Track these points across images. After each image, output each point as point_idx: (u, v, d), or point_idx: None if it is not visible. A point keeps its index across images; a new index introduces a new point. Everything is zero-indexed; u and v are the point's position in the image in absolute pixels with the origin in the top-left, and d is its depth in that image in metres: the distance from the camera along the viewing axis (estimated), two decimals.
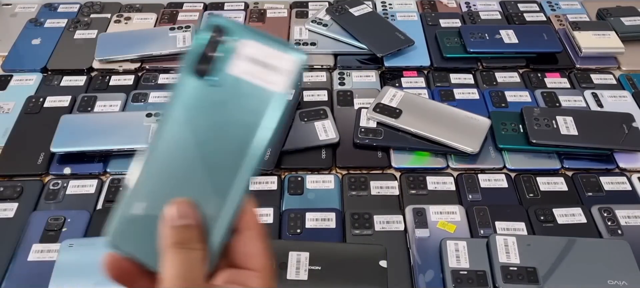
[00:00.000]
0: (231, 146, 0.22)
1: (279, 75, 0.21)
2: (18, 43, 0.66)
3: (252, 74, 0.22)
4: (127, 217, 0.22)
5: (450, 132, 0.52)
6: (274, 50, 0.21)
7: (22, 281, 0.42)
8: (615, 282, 0.41)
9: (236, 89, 0.22)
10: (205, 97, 0.22)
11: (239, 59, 0.22)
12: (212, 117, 0.22)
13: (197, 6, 0.72)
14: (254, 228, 0.22)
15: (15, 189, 0.49)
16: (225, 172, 0.22)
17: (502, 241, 0.43)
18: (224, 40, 0.22)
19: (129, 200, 0.22)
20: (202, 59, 0.22)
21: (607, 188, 0.50)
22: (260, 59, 0.22)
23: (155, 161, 0.22)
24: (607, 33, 0.64)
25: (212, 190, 0.22)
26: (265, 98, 0.21)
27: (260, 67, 0.22)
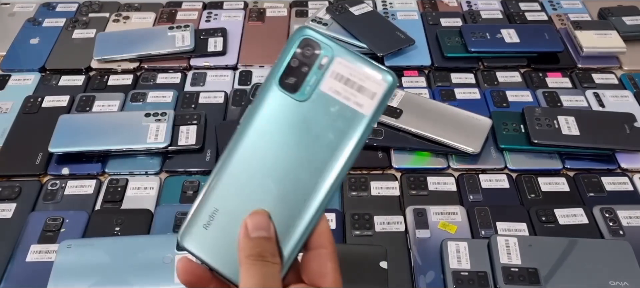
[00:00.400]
0: (311, 163, 0.22)
1: (368, 98, 0.21)
2: (16, 42, 0.66)
3: (341, 94, 0.21)
4: (200, 221, 0.22)
5: (451, 132, 0.52)
6: (366, 71, 0.21)
7: (20, 282, 0.42)
8: (617, 282, 0.41)
9: (324, 106, 0.22)
10: (290, 111, 0.22)
11: (328, 76, 0.22)
12: (295, 131, 0.22)
13: (196, 5, 0.71)
14: (328, 247, 0.22)
15: (14, 189, 0.49)
16: (303, 187, 0.22)
17: (503, 242, 0.43)
18: (315, 54, 0.22)
19: (204, 203, 0.22)
20: (290, 72, 0.22)
21: (608, 188, 0.50)
22: (351, 79, 0.21)
23: (233, 167, 0.22)
24: (608, 32, 0.64)
25: (288, 205, 0.22)
26: (353, 120, 0.21)
27: (349, 87, 0.21)
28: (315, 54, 0.22)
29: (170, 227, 0.46)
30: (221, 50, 0.63)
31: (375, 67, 0.21)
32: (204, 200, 0.22)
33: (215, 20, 0.69)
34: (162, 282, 0.41)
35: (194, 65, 0.63)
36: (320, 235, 0.22)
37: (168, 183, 0.50)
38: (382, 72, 0.21)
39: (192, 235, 0.22)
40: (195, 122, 0.54)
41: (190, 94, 0.58)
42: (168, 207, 0.48)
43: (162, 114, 0.53)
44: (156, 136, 0.51)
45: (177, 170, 0.51)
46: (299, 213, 0.22)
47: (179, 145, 0.52)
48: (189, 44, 0.62)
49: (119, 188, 0.49)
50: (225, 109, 0.57)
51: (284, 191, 0.22)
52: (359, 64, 0.21)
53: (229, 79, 0.61)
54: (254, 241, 0.21)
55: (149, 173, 0.51)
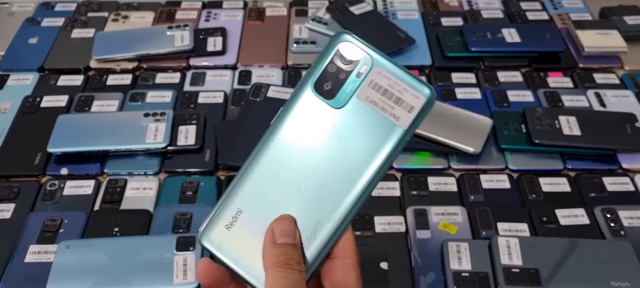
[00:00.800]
0: (342, 172, 0.21)
1: (405, 111, 0.21)
2: (15, 42, 0.66)
3: (378, 104, 0.21)
4: (222, 221, 0.22)
5: (451, 132, 0.51)
6: (404, 83, 0.21)
7: (19, 282, 0.42)
8: (618, 283, 0.41)
9: (359, 115, 0.21)
10: (324, 117, 0.21)
11: (366, 85, 0.21)
12: (327, 138, 0.21)
13: (195, 5, 0.71)
14: (352, 257, 0.22)
15: (12, 190, 0.49)
16: (331, 196, 0.21)
17: (504, 242, 0.43)
18: (354, 62, 0.21)
19: (228, 203, 0.22)
20: (326, 77, 0.21)
21: (610, 189, 0.49)
22: (390, 91, 0.21)
23: (260, 168, 0.22)
24: (610, 32, 0.64)
25: (315, 212, 0.21)
26: (388, 132, 0.21)
27: (387, 98, 0.21)
28: (354, 61, 0.21)
29: (170, 227, 0.46)
30: (220, 49, 0.63)
31: (415, 79, 0.21)
32: (229, 200, 0.22)
33: (214, 20, 0.69)
34: (161, 282, 0.41)
35: (193, 64, 0.63)
36: (346, 244, 0.22)
37: (167, 184, 0.50)
38: (421, 86, 0.21)
39: (213, 234, 0.22)
40: (194, 122, 0.53)
41: (190, 94, 0.58)
42: (167, 207, 0.48)
43: (161, 113, 0.53)
44: (155, 136, 0.51)
45: (176, 170, 0.51)
46: (325, 221, 0.21)
47: (178, 145, 0.51)
48: (188, 43, 0.62)
49: (118, 189, 0.49)
50: (224, 108, 0.57)
51: (312, 198, 0.21)
52: (398, 75, 0.21)
53: (228, 79, 0.61)
54: (280, 248, 0.21)
55: (148, 173, 0.51)
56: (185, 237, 0.43)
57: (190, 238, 0.43)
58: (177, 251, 0.43)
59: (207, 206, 0.48)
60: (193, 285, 0.41)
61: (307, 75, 0.22)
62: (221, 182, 0.50)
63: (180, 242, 0.43)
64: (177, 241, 0.43)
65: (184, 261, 0.42)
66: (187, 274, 0.41)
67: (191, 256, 0.42)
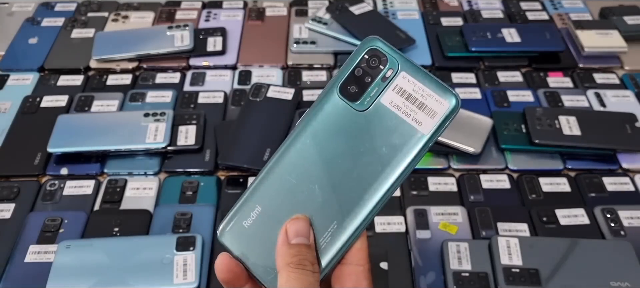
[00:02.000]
0: (362, 175, 0.21)
1: (429, 118, 0.21)
2: (15, 42, 0.66)
3: (401, 108, 0.21)
4: (241, 218, 0.22)
5: (451, 132, 0.51)
6: (430, 90, 0.21)
7: (19, 282, 0.42)
8: (618, 283, 0.41)
9: (382, 119, 0.21)
10: (348, 120, 0.22)
11: (391, 89, 0.21)
12: (349, 141, 0.21)
13: (195, 4, 0.71)
14: (364, 265, 0.22)
15: (12, 190, 0.49)
16: (349, 199, 0.21)
17: (504, 242, 0.43)
18: (380, 66, 0.22)
19: (248, 201, 0.22)
20: (352, 81, 0.22)
21: (610, 189, 0.49)
22: (414, 96, 0.21)
23: (282, 168, 0.22)
24: (610, 32, 0.64)
25: (332, 214, 0.21)
26: (409, 137, 0.21)
27: (412, 104, 0.21)
28: (381, 65, 0.22)
29: (170, 227, 0.46)
30: (220, 49, 0.63)
31: (440, 86, 0.21)
32: (249, 198, 0.22)
33: (214, 20, 0.69)
34: (161, 282, 0.41)
35: (193, 64, 0.63)
36: (359, 251, 0.22)
37: (167, 184, 0.50)
38: (446, 93, 0.21)
39: (231, 231, 0.22)
40: (194, 122, 0.53)
41: (190, 94, 0.58)
42: (167, 207, 0.48)
43: (161, 113, 0.53)
44: (155, 136, 0.51)
45: (176, 170, 0.51)
46: (342, 224, 0.21)
47: (178, 145, 0.51)
48: (188, 43, 0.62)
49: (117, 189, 0.49)
50: (224, 108, 0.57)
51: (330, 200, 0.21)
52: (423, 81, 0.21)
53: (228, 79, 0.61)
54: (294, 248, 0.21)
55: (147, 173, 0.51)
56: (185, 237, 0.43)
57: (190, 238, 0.43)
58: (177, 251, 0.43)
59: (207, 206, 0.48)
60: (193, 285, 0.41)
61: (334, 78, 0.22)
62: (221, 182, 0.50)
63: (180, 242, 0.43)
64: (177, 241, 0.43)
65: (184, 261, 0.42)
66: (187, 274, 0.41)
67: (191, 256, 0.42)
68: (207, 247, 0.44)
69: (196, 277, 0.41)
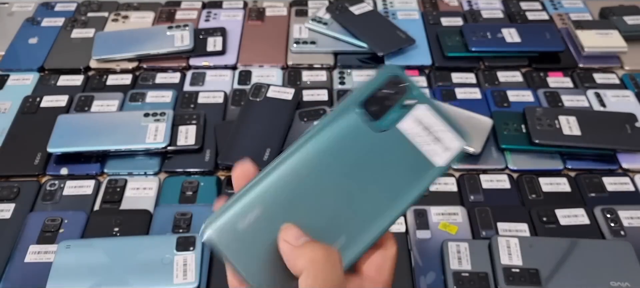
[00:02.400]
0: (369, 196, 0.21)
1: (442, 150, 0.22)
2: (15, 42, 0.66)
3: (417, 137, 0.22)
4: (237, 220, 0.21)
5: None
6: (445, 125, 0.22)
7: (18, 282, 0.42)
8: (618, 283, 0.41)
9: (397, 144, 0.21)
10: (363, 137, 0.22)
11: (409, 118, 0.22)
12: (362, 159, 0.21)
13: (195, 4, 0.71)
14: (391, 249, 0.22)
15: (12, 190, 0.49)
16: (354, 217, 0.21)
17: (504, 242, 0.43)
18: (401, 94, 0.22)
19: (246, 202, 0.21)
20: (373, 101, 0.22)
21: (610, 189, 0.49)
22: (430, 127, 0.22)
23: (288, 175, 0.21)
24: (610, 32, 0.64)
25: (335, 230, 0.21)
26: (421, 165, 0.21)
27: (426, 134, 0.22)
28: (402, 93, 0.22)
29: (170, 227, 0.46)
30: (220, 49, 0.63)
31: (455, 125, 0.22)
32: (247, 198, 0.21)
33: (214, 20, 0.69)
34: (161, 282, 0.41)
35: (193, 64, 0.63)
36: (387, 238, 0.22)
37: (167, 184, 0.50)
38: (461, 133, 0.22)
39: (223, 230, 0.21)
40: (194, 122, 0.53)
41: (190, 94, 0.58)
42: (167, 207, 0.48)
43: (161, 113, 0.53)
44: (155, 136, 0.51)
45: (176, 170, 0.51)
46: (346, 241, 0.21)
47: (178, 145, 0.51)
48: (188, 43, 0.62)
49: (117, 189, 0.49)
50: (224, 108, 0.57)
51: (336, 216, 0.21)
52: (441, 117, 0.22)
53: (228, 79, 0.61)
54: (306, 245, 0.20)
55: (147, 173, 0.51)
56: (185, 237, 0.43)
57: (190, 238, 0.43)
58: (177, 251, 0.43)
59: (207, 206, 0.48)
60: (193, 285, 0.41)
61: (354, 93, 0.22)
62: (221, 182, 0.50)
63: (180, 242, 0.43)
64: (177, 241, 0.43)
65: (184, 261, 0.42)
66: (187, 274, 0.41)
67: (191, 256, 0.42)
68: (207, 247, 0.44)
69: (196, 277, 0.41)
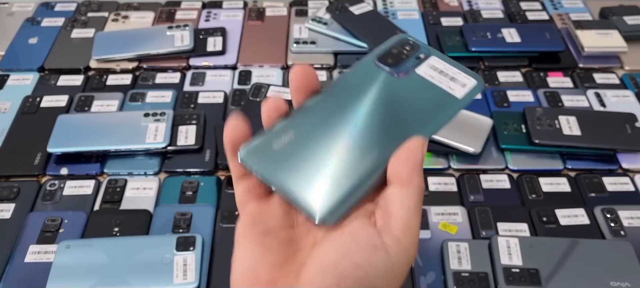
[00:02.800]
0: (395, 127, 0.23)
1: (460, 87, 0.24)
2: (15, 42, 0.66)
3: (435, 78, 0.24)
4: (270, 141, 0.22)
5: (451, 132, 0.51)
6: (457, 70, 0.24)
7: (18, 282, 0.42)
8: (618, 283, 0.41)
9: (417, 84, 0.24)
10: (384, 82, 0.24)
11: (425, 65, 0.25)
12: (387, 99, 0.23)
13: (195, 4, 0.71)
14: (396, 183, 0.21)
15: (12, 190, 0.49)
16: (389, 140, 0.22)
17: (504, 242, 0.43)
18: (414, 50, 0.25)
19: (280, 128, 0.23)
20: (389, 55, 0.25)
21: (610, 189, 0.49)
22: (446, 72, 0.24)
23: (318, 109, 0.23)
24: (610, 32, 0.64)
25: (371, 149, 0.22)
26: (442, 99, 0.23)
27: (444, 77, 0.24)
28: (415, 49, 0.25)
29: (170, 227, 0.46)
30: (220, 49, 0.63)
31: (466, 69, 0.25)
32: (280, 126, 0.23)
33: (214, 20, 0.69)
34: (161, 282, 0.41)
35: (193, 64, 0.63)
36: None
37: (167, 184, 0.50)
38: (472, 74, 0.24)
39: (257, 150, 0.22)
40: (194, 122, 0.53)
41: (190, 94, 0.58)
42: (167, 207, 0.48)
43: (161, 113, 0.53)
44: (155, 136, 0.51)
45: (176, 170, 0.51)
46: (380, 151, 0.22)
47: (178, 145, 0.51)
48: (188, 43, 0.62)
49: (117, 189, 0.49)
50: (224, 108, 0.57)
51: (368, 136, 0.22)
52: (452, 64, 0.25)
53: (228, 79, 0.61)
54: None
55: (147, 173, 0.51)
56: (185, 237, 0.43)
57: (190, 238, 0.43)
58: (177, 251, 0.43)
59: (207, 206, 0.48)
60: (193, 285, 0.41)
61: (370, 53, 0.25)
62: (221, 182, 0.50)
63: (180, 242, 0.43)
64: (177, 241, 0.43)
65: (184, 261, 0.42)
66: (187, 274, 0.41)
67: (191, 256, 0.42)
68: (207, 247, 0.44)
69: (196, 277, 0.41)
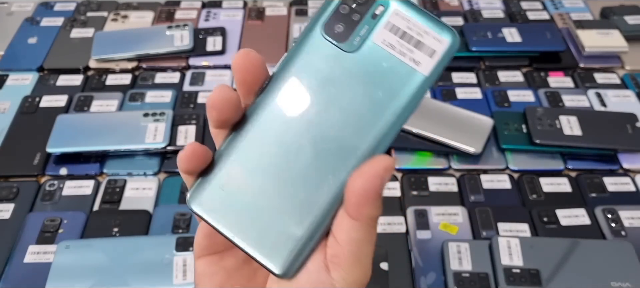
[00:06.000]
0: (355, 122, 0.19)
1: (426, 56, 0.19)
2: (14, 42, 0.65)
3: (396, 48, 0.19)
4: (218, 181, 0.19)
5: (452, 132, 0.51)
6: (426, 27, 0.19)
7: (18, 283, 0.42)
8: (619, 283, 0.41)
9: (375, 61, 0.19)
10: (335, 62, 0.19)
11: (382, 27, 0.19)
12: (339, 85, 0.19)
13: (195, 4, 0.71)
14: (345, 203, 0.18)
15: (11, 190, 0.48)
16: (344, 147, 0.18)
17: (505, 243, 0.43)
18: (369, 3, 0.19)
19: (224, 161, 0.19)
20: (337, 19, 0.19)
21: (610, 189, 0.49)
22: (408, 33, 0.19)
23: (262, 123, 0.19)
24: (610, 32, 0.64)
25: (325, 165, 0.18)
26: (406, 77, 0.19)
27: (406, 41, 0.19)
28: (369, 1, 0.19)
29: (169, 227, 0.46)
30: (220, 49, 0.63)
31: (436, 22, 0.19)
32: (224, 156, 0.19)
33: (214, 19, 0.69)
34: (160, 282, 0.41)
35: (192, 64, 0.63)
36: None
37: (167, 184, 0.50)
38: (443, 29, 0.19)
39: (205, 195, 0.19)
40: (194, 122, 0.53)
41: (189, 94, 0.58)
42: (167, 207, 0.47)
43: (160, 113, 0.53)
44: (155, 136, 0.51)
45: (176, 170, 0.51)
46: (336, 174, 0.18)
47: (177, 145, 0.51)
48: (187, 43, 0.62)
49: (117, 189, 0.49)
50: None
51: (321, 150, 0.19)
52: (417, 17, 0.19)
53: (228, 79, 0.61)
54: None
55: (147, 173, 0.51)
56: (185, 237, 0.43)
57: (190, 238, 0.43)
58: (177, 251, 0.42)
59: None
60: (193, 285, 0.41)
61: (315, 17, 0.19)
62: None
63: (179, 243, 0.43)
64: (177, 241, 0.43)
65: (184, 261, 0.42)
66: (186, 274, 0.41)
67: (191, 256, 0.42)
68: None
69: None
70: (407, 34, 0.19)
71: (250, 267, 0.21)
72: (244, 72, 0.19)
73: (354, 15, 0.19)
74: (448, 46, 0.19)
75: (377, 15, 0.19)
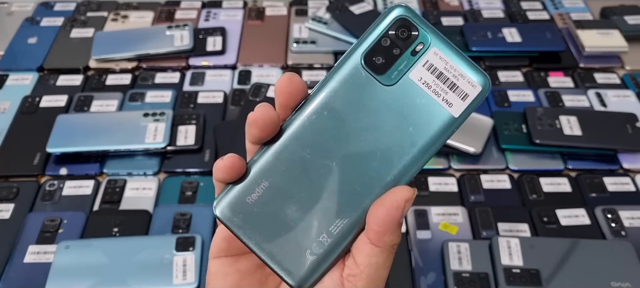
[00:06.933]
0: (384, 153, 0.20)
1: (459, 98, 0.20)
2: (14, 42, 0.65)
3: (431, 87, 0.20)
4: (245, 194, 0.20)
5: None
6: (462, 69, 0.20)
7: (18, 283, 0.42)
8: (619, 283, 0.41)
9: (410, 97, 0.20)
10: (371, 93, 0.20)
11: (420, 65, 0.20)
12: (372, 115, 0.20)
13: (195, 4, 0.71)
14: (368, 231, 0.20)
15: (11, 190, 0.48)
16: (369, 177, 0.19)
17: (505, 243, 0.43)
18: (410, 39, 0.20)
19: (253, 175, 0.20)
20: (378, 51, 0.20)
21: (610, 189, 0.49)
22: (445, 74, 0.20)
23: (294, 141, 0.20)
24: (610, 32, 0.64)
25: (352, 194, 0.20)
26: (437, 116, 0.20)
27: (442, 82, 0.20)
28: (410, 38, 0.20)
29: (169, 227, 0.46)
30: (220, 49, 0.63)
31: (471, 66, 0.20)
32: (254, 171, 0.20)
33: (214, 19, 0.69)
34: (160, 282, 0.41)
35: (192, 64, 0.63)
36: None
37: (167, 184, 0.50)
38: (478, 74, 0.20)
39: (231, 206, 0.20)
40: (194, 122, 0.53)
41: (189, 94, 0.58)
42: (167, 207, 0.47)
43: (160, 113, 0.53)
44: (155, 136, 0.51)
45: (175, 170, 0.51)
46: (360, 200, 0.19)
47: (177, 145, 0.51)
48: (187, 43, 0.62)
49: (117, 189, 0.49)
50: (224, 108, 0.57)
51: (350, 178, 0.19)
52: (455, 59, 0.20)
53: (228, 79, 0.61)
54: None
55: (147, 173, 0.51)
56: (185, 237, 0.43)
57: (190, 238, 0.43)
58: (177, 251, 0.42)
59: (206, 206, 0.47)
60: (193, 285, 0.41)
61: (357, 45, 0.20)
62: None
63: (179, 243, 0.43)
64: (177, 241, 0.43)
65: (184, 261, 0.42)
66: (186, 274, 0.41)
67: (191, 256, 0.42)
68: (207, 248, 0.44)
69: (196, 277, 0.41)
70: (443, 75, 0.20)
71: (263, 272, 0.22)
72: (287, 97, 0.20)
73: (394, 49, 0.20)
74: (480, 91, 0.20)
75: (416, 52, 0.20)
